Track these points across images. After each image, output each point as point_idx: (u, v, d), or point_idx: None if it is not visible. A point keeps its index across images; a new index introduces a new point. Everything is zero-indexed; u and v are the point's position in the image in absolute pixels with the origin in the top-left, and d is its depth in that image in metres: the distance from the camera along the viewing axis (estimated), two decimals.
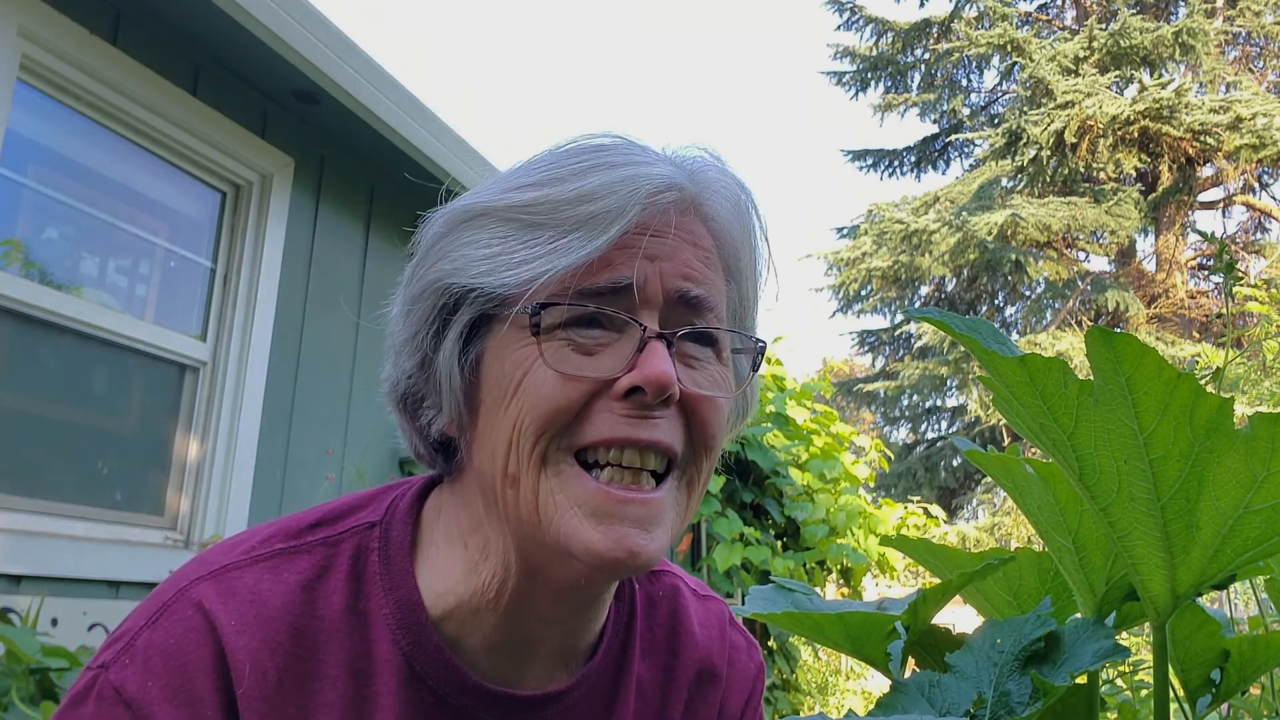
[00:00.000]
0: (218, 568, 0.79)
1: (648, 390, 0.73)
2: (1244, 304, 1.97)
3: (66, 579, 2.95)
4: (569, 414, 0.74)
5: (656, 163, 0.79)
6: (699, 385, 0.78)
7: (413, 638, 0.80)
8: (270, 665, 0.75)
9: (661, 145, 0.84)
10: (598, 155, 0.79)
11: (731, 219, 0.83)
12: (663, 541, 0.75)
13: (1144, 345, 0.61)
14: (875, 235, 17.94)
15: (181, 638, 0.74)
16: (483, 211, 0.78)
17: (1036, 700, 0.73)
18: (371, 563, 0.82)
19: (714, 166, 0.84)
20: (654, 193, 0.77)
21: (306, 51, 3.45)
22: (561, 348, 0.75)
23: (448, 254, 0.79)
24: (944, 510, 8.69)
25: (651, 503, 0.75)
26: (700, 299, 0.78)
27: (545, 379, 0.74)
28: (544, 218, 0.76)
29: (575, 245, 0.74)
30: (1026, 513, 0.86)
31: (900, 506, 7.24)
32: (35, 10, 2.94)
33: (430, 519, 0.85)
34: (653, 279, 0.76)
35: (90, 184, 3.32)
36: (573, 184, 0.76)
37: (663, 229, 0.78)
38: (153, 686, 0.72)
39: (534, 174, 0.79)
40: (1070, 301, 17.02)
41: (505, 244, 0.76)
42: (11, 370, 3.01)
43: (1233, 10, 17.24)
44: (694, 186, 0.80)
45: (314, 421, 3.99)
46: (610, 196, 0.75)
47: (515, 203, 0.77)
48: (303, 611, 0.78)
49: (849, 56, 19.62)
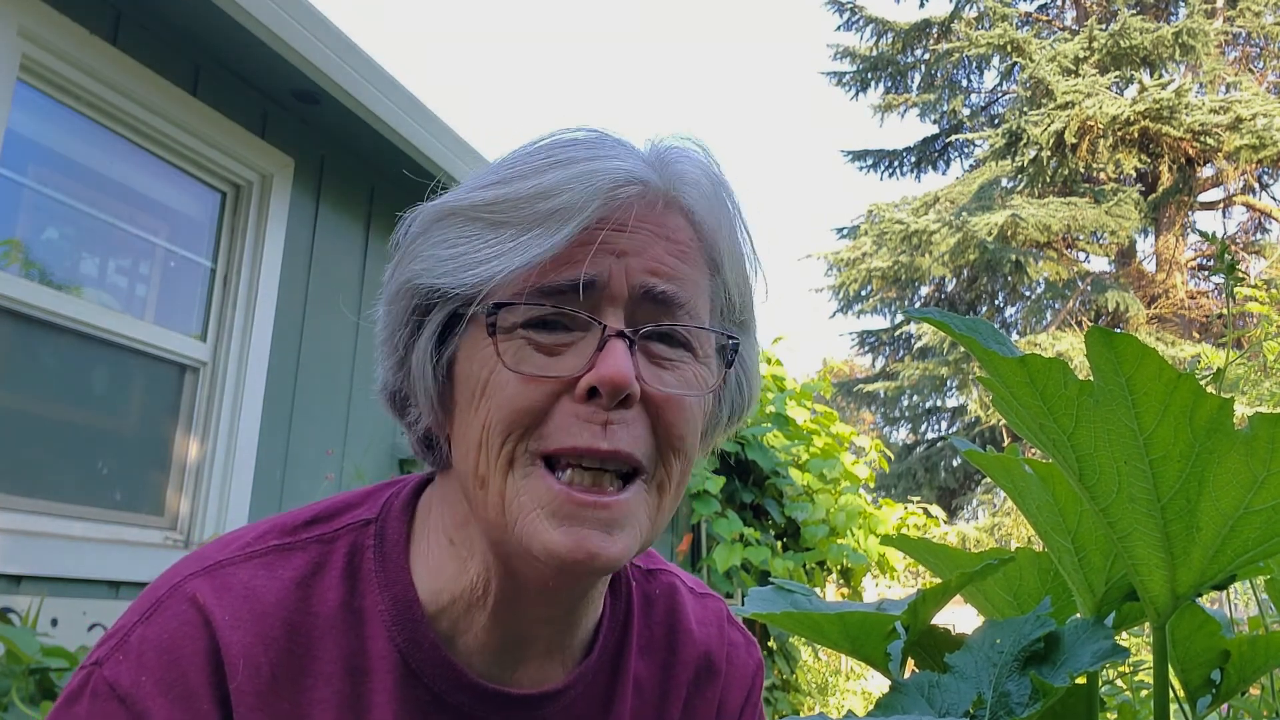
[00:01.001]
0: (212, 563, 0.79)
1: (602, 390, 0.72)
2: (1244, 304, 1.97)
3: (66, 579, 2.95)
4: (533, 415, 0.73)
5: (622, 157, 0.77)
6: (666, 385, 0.76)
7: (409, 635, 0.79)
8: (264, 661, 0.75)
9: (645, 138, 0.82)
10: (562, 151, 0.77)
11: (710, 211, 0.80)
12: (627, 544, 0.74)
13: (1144, 346, 0.61)
14: (875, 236, 17.93)
15: (176, 632, 0.74)
16: (451, 211, 0.78)
17: (1036, 701, 0.73)
18: (367, 560, 0.82)
19: (690, 158, 0.81)
20: (615, 186, 0.75)
21: (306, 51, 3.45)
22: (522, 348, 0.74)
23: (419, 254, 0.79)
24: (944, 510, 8.69)
25: (614, 505, 0.73)
26: (668, 295, 0.76)
27: (507, 380, 0.74)
28: (506, 216, 0.75)
29: (533, 243, 0.73)
30: (1026, 513, 0.86)
31: (900, 507, 7.24)
32: (35, 10, 2.94)
33: (423, 516, 0.85)
34: (617, 275, 0.75)
35: (90, 184, 3.32)
36: (532, 181, 0.75)
37: (631, 224, 0.76)
38: (146, 681, 0.72)
39: (500, 172, 0.78)
40: (1070, 302, 17.02)
41: (470, 243, 0.75)
42: (11, 370, 3.01)
43: (1233, 10, 17.24)
44: (664, 179, 0.78)
45: (314, 421, 3.98)
46: (568, 192, 0.73)
47: (479, 201, 0.76)
48: (297, 608, 0.78)
49: (849, 57, 19.62)
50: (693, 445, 0.79)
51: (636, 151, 0.80)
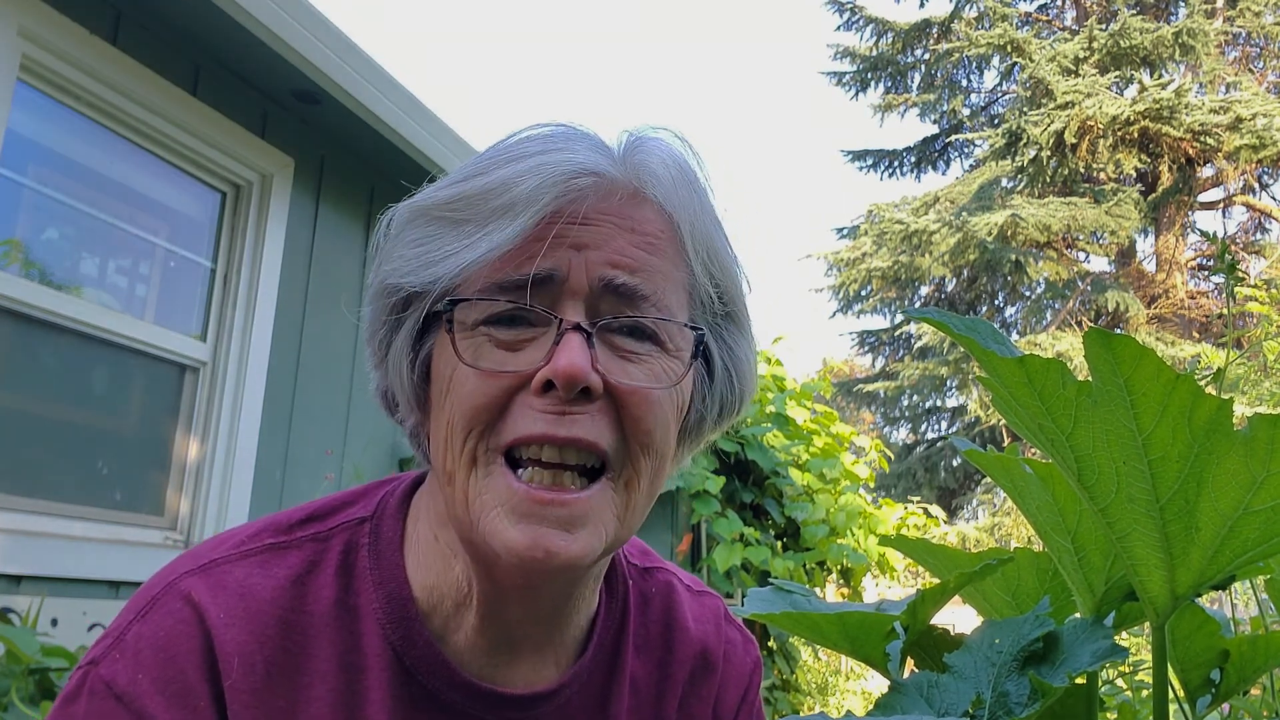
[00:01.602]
0: (206, 562, 0.79)
1: (558, 383, 0.71)
2: (1244, 304, 1.97)
3: (66, 579, 2.95)
4: (490, 411, 0.73)
5: (578, 149, 0.76)
6: (632, 378, 0.75)
7: (403, 632, 0.79)
8: (259, 659, 0.75)
9: (621, 129, 0.81)
10: (519, 146, 0.77)
11: (682, 202, 0.79)
12: (588, 543, 0.73)
13: (1142, 346, 0.61)
14: (875, 235, 17.93)
15: (171, 630, 0.74)
16: (419, 211, 0.78)
17: (1035, 701, 0.73)
18: (362, 558, 0.82)
19: (659, 149, 0.80)
20: (568, 179, 0.74)
21: (306, 51, 3.45)
22: (482, 344, 0.74)
23: (390, 254, 0.79)
24: (944, 510, 8.69)
25: (574, 503, 0.72)
26: (630, 287, 0.75)
27: (466, 376, 0.73)
28: (464, 213, 0.75)
29: (485, 238, 0.73)
30: (1026, 513, 0.86)
31: (900, 507, 7.24)
32: (35, 10, 2.94)
33: (415, 513, 0.85)
34: (576, 268, 0.74)
35: (90, 184, 3.32)
36: (488, 177, 0.75)
37: (592, 216, 0.75)
38: (143, 679, 0.72)
39: (463, 170, 0.78)
40: (1070, 302, 17.02)
41: (433, 242, 0.76)
42: (11, 370, 3.01)
43: (1233, 10, 17.24)
44: (626, 170, 0.77)
45: (314, 421, 3.99)
46: (519, 186, 0.73)
47: (440, 200, 0.77)
48: (292, 606, 0.78)
49: (849, 57, 19.61)
50: (664, 441, 0.77)
51: (600, 144, 0.79)
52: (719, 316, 0.83)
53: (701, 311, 0.81)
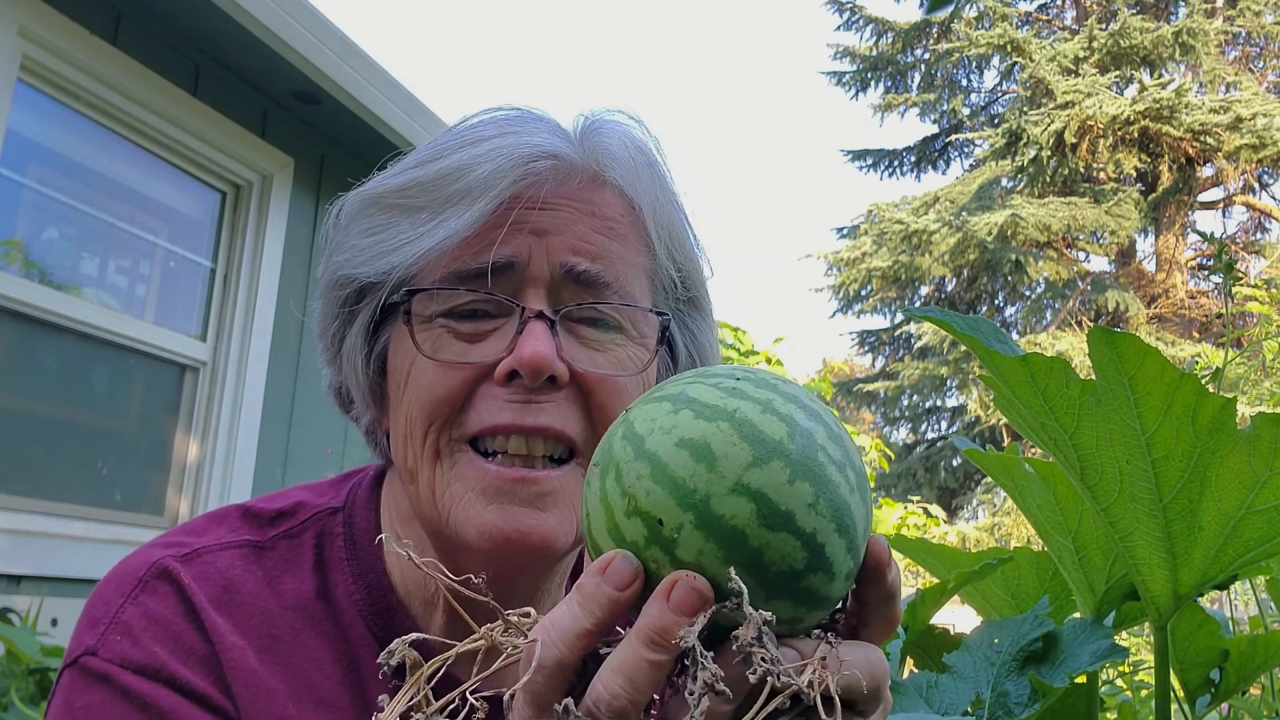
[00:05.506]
0: (189, 551, 0.77)
1: (523, 373, 0.70)
2: (1244, 304, 1.97)
3: (66, 579, 2.95)
4: (451, 403, 0.72)
5: (535, 132, 0.74)
6: (598, 366, 0.73)
7: (384, 622, 0.78)
8: (249, 645, 0.75)
9: (576, 112, 0.79)
10: (473, 131, 0.75)
11: (642, 185, 0.77)
12: (558, 521, 0.72)
13: (1146, 345, 0.61)
14: (875, 235, 17.93)
15: (173, 606, 0.73)
16: (371, 199, 0.76)
17: (1035, 701, 0.73)
18: (336, 548, 0.81)
19: (618, 131, 0.78)
20: (526, 161, 0.72)
21: (307, 52, 3.45)
22: (441, 336, 0.72)
23: (341, 245, 0.78)
24: (944, 510, 8.68)
25: (543, 480, 0.71)
26: (592, 274, 0.73)
27: (425, 369, 0.72)
28: (419, 200, 0.73)
29: (442, 225, 0.71)
30: (1026, 513, 0.86)
31: (900, 506, 7.24)
32: (35, 10, 2.93)
33: (384, 505, 0.84)
34: (537, 255, 0.72)
35: (90, 184, 3.32)
36: (442, 162, 0.73)
37: (552, 200, 0.73)
38: (160, 651, 0.71)
39: (416, 155, 0.76)
40: (1070, 302, 17.02)
41: (386, 230, 0.74)
42: (11, 370, 3.01)
43: (1233, 10, 17.23)
44: (585, 153, 0.75)
45: (313, 421, 3.98)
46: (475, 170, 0.71)
47: (392, 187, 0.75)
48: (274, 603, 0.77)
49: (849, 57, 19.61)
50: None
51: (557, 127, 0.77)
52: (681, 302, 0.82)
53: (664, 297, 0.80)
